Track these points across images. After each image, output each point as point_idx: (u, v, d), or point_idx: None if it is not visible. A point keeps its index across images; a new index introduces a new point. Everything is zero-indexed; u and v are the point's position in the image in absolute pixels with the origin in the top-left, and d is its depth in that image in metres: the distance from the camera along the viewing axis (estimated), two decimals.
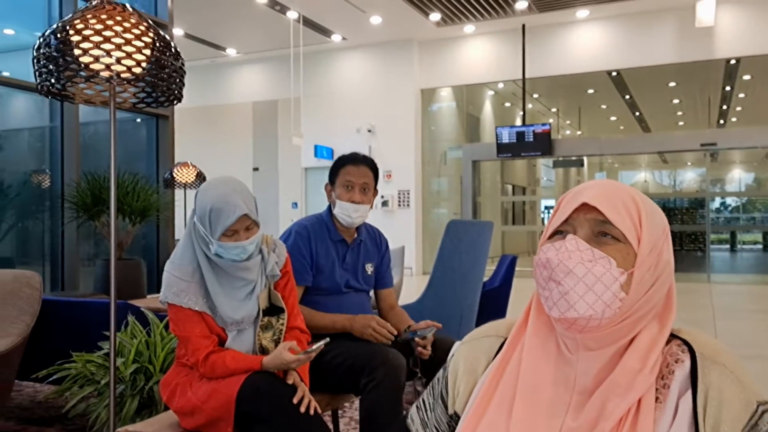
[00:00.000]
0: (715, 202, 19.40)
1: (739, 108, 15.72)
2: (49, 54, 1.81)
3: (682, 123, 17.74)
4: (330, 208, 2.39)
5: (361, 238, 2.42)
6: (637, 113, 16.29)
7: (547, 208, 18.53)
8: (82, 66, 1.79)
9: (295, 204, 12.85)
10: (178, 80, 2.00)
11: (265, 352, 1.89)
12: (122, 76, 1.83)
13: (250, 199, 1.85)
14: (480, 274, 3.63)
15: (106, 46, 1.78)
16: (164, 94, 2.03)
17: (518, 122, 13.70)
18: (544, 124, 11.07)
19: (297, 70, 11.29)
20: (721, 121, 16.50)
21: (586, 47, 10.86)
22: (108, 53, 1.78)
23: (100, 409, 2.42)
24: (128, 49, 1.80)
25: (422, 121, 12.10)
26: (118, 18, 1.83)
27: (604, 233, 0.80)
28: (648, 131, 17.89)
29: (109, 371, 2.10)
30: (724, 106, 15.17)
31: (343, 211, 2.29)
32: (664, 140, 12.05)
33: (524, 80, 11.17)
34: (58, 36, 1.79)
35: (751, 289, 9.62)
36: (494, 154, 11.20)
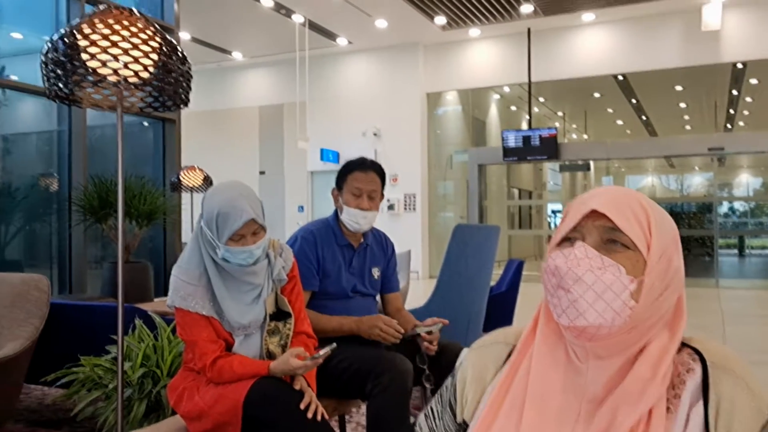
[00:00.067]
0: (723, 207, 19.32)
1: (746, 112, 15.65)
2: (56, 59, 1.82)
3: (689, 127, 17.68)
4: (336, 213, 2.39)
5: (368, 243, 2.42)
6: (644, 117, 16.24)
7: (554, 212, 18.49)
8: (90, 70, 1.80)
9: (301, 207, 12.86)
10: (184, 84, 2.01)
11: (272, 356, 1.89)
12: (129, 80, 1.84)
13: (257, 204, 1.86)
14: (487, 278, 3.62)
15: (114, 51, 1.79)
16: (171, 98, 2.04)
17: (524, 126, 13.68)
18: (551, 128, 11.05)
19: (303, 74, 11.31)
20: (729, 126, 16.43)
21: (592, 51, 10.83)
22: (115, 58, 1.79)
23: (108, 412, 2.42)
24: (135, 53, 1.81)
25: (428, 124, 12.09)
26: (125, 23, 1.84)
27: (613, 240, 0.79)
28: (655, 135, 17.83)
29: (117, 375, 2.11)
30: (731, 110, 15.10)
31: (351, 218, 2.29)
32: (671, 144, 11.99)
33: (530, 84, 11.16)
34: (66, 41, 1.80)
35: (759, 294, 9.56)
36: (500, 158, 11.19)
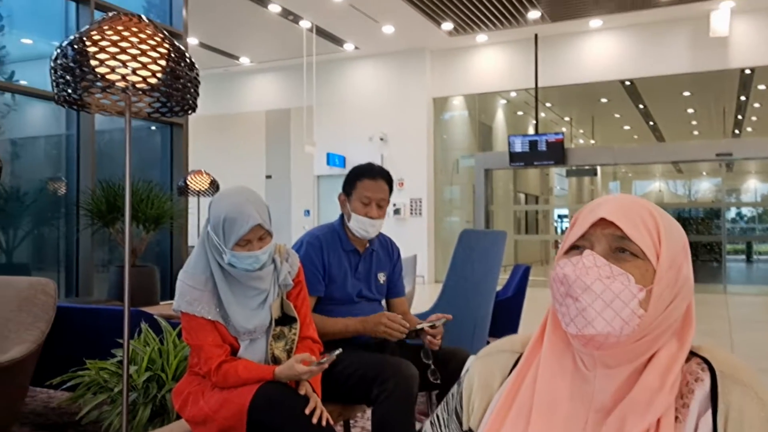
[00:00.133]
0: (731, 212, 19.22)
1: (754, 118, 15.58)
2: (66, 65, 1.83)
3: (696, 133, 17.61)
4: (342, 218, 2.39)
5: (373, 248, 2.42)
6: (651, 123, 16.18)
7: (561, 216, 18.44)
8: (99, 76, 1.81)
9: (308, 212, 12.88)
10: (192, 90, 2.02)
11: (277, 361, 1.89)
12: (138, 86, 1.85)
13: (264, 209, 1.86)
14: (493, 283, 3.61)
15: (122, 57, 1.80)
16: (179, 103, 2.05)
17: (531, 131, 13.67)
18: (557, 133, 11.03)
19: (310, 79, 11.34)
20: (736, 131, 16.35)
21: (600, 56, 10.82)
22: (124, 64, 1.80)
23: (113, 416, 2.43)
24: (144, 59, 1.82)
25: (434, 129, 12.10)
26: (134, 29, 1.85)
27: (622, 249, 0.79)
28: (662, 141, 17.76)
29: (122, 379, 2.11)
30: (739, 116, 15.04)
31: (359, 226, 2.29)
32: (679, 150, 11.95)
33: (537, 89, 11.15)
34: (75, 47, 1.81)
35: (767, 301, 9.49)
36: (507, 163, 11.17)
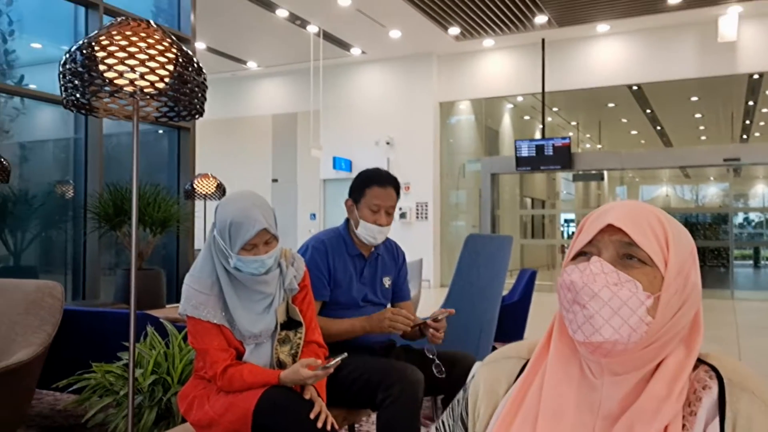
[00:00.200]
0: (739, 218, 19.10)
1: (762, 123, 15.49)
2: (74, 69, 1.84)
3: (704, 138, 17.53)
4: (347, 222, 2.39)
5: (379, 252, 2.42)
6: (659, 127, 16.12)
7: (567, 221, 18.38)
8: (107, 81, 1.82)
9: (314, 215, 12.90)
10: (200, 95, 2.03)
11: (282, 365, 1.89)
12: (145, 90, 1.86)
13: (270, 214, 1.86)
14: (499, 288, 3.60)
15: (131, 62, 1.81)
16: (186, 108, 2.06)
17: (537, 135, 13.63)
18: (564, 138, 11.00)
19: (317, 83, 11.37)
20: (744, 136, 16.27)
21: (607, 61, 10.79)
22: (132, 69, 1.81)
23: (119, 419, 2.43)
24: (152, 64, 1.83)
25: (441, 133, 12.10)
26: (143, 34, 1.86)
27: (629, 256, 0.78)
28: (670, 146, 17.69)
29: (128, 382, 2.11)
30: (747, 121, 14.96)
31: (368, 233, 2.29)
32: (686, 155, 11.89)
33: (543, 94, 11.13)
34: (84, 52, 1.83)
35: None
36: (513, 168, 11.15)
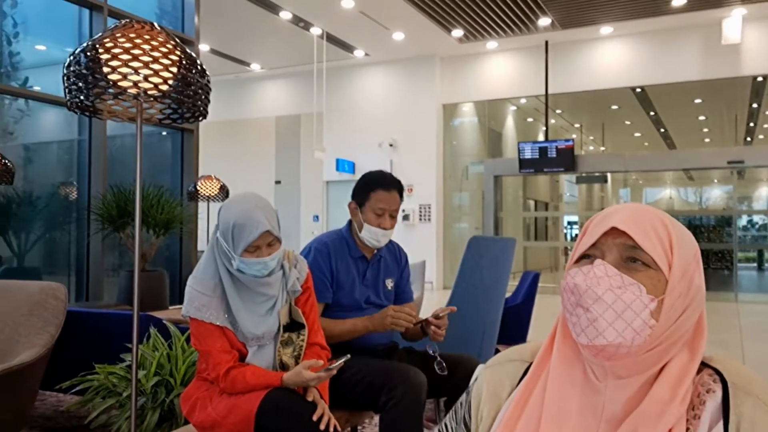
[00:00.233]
0: (743, 220, 19.05)
1: (766, 125, 15.45)
2: (78, 72, 1.84)
3: (708, 140, 17.49)
4: (350, 224, 2.39)
5: (381, 254, 2.42)
6: (662, 130, 16.10)
7: (570, 223, 18.35)
8: (111, 83, 1.82)
9: (317, 217, 12.90)
10: (203, 97, 2.03)
11: (285, 367, 1.89)
12: (149, 93, 1.86)
13: (273, 216, 1.86)
14: (502, 290, 3.59)
15: (134, 64, 1.82)
16: (190, 110, 2.06)
17: (541, 138, 13.62)
18: (568, 140, 10.99)
19: (320, 85, 11.38)
20: (748, 139, 16.23)
21: (610, 64, 10.78)
22: (136, 71, 1.81)
23: (122, 421, 2.44)
24: (155, 66, 1.83)
25: (444, 135, 12.10)
26: (146, 36, 1.86)
27: (633, 259, 0.78)
28: (673, 148, 17.66)
29: (131, 383, 2.12)
30: (751, 124, 14.92)
31: (372, 236, 2.29)
32: (690, 157, 11.87)
33: (547, 96, 11.12)
34: (88, 54, 1.83)
35: None
36: (516, 170, 11.14)
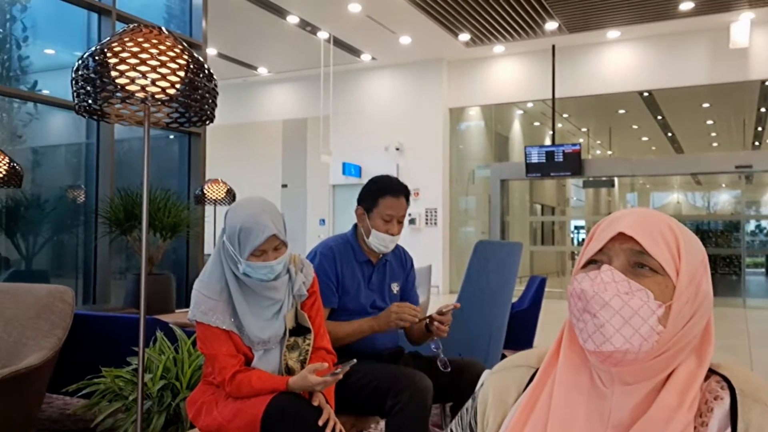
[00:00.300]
0: (750, 225, 18.94)
1: None
2: (87, 76, 1.85)
3: (716, 144, 17.41)
4: (355, 228, 2.39)
5: (387, 258, 2.42)
6: (670, 134, 16.03)
7: (577, 228, 18.29)
8: (119, 87, 1.83)
9: (323, 221, 12.92)
10: (210, 101, 2.04)
11: (291, 372, 1.89)
12: (157, 97, 1.87)
13: (279, 220, 1.87)
14: (509, 295, 3.58)
15: (142, 68, 1.82)
16: (197, 114, 2.07)
17: (548, 142, 13.60)
18: (574, 144, 10.96)
19: (327, 89, 11.41)
20: (756, 143, 16.15)
21: (617, 68, 10.76)
22: (143, 75, 1.82)
23: (128, 424, 2.44)
24: (163, 70, 1.84)
25: (450, 139, 12.09)
26: (154, 41, 1.87)
27: (641, 264, 0.78)
28: (681, 152, 17.59)
29: (137, 387, 2.12)
30: (759, 128, 14.85)
31: (379, 242, 2.30)
32: (698, 162, 11.82)
33: (554, 100, 11.10)
34: (96, 58, 1.84)
35: None
36: (523, 174, 11.12)
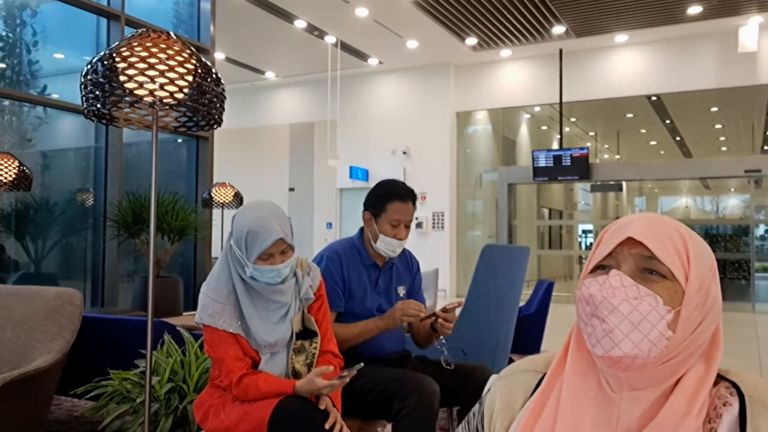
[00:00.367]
0: (760, 229, 18.82)
1: None
2: (96, 80, 1.87)
3: (724, 148, 17.31)
4: (361, 232, 2.39)
5: (393, 262, 2.42)
6: (678, 138, 15.96)
7: (585, 232, 18.22)
8: (127, 91, 1.84)
9: (330, 224, 12.93)
10: (218, 105, 2.04)
11: (297, 375, 1.89)
12: (165, 101, 1.88)
13: (286, 223, 1.87)
14: (516, 299, 3.58)
15: (150, 73, 1.83)
16: (204, 118, 2.08)
17: (555, 146, 13.57)
18: (582, 148, 10.94)
19: (334, 93, 11.43)
20: (765, 147, 16.05)
21: (625, 72, 10.73)
22: (152, 79, 1.83)
23: (135, 427, 2.44)
24: (171, 75, 1.85)
25: (457, 143, 12.09)
26: (162, 45, 1.88)
27: (650, 270, 0.77)
28: (689, 156, 17.50)
29: (145, 390, 2.13)
30: None
31: (388, 247, 2.30)
32: (707, 166, 11.76)
33: (561, 104, 11.08)
34: (105, 63, 1.86)
35: None
36: (530, 178, 11.10)
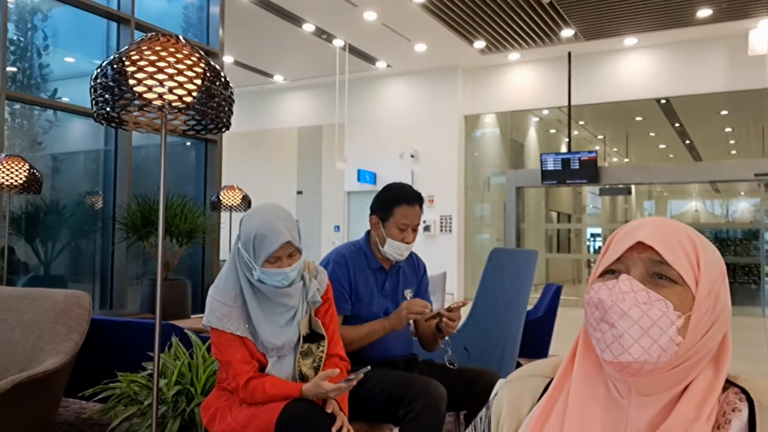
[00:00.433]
0: None
1: None
2: (105, 84, 1.88)
3: (734, 152, 17.22)
4: (368, 235, 2.39)
5: (400, 265, 2.42)
6: (688, 141, 15.88)
7: (593, 235, 18.14)
8: (136, 95, 1.85)
9: (338, 227, 12.94)
10: (226, 108, 2.05)
11: (304, 378, 1.89)
12: (174, 104, 1.89)
13: (294, 227, 1.87)
14: (524, 303, 3.57)
15: (160, 76, 1.84)
16: (213, 121, 2.09)
17: (563, 149, 13.53)
18: (591, 152, 10.90)
19: (342, 97, 11.45)
20: None
21: (634, 75, 10.69)
22: (161, 83, 1.84)
23: (143, 429, 2.45)
24: (180, 79, 1.86)
25: (465, 146, 12.07)
26: (172, 49, 1.90)
27: (660, 275, 0.77)
28: (699, 160, 17.41)
29: (152, 392, 2.13)
30: None
31: (395, 250, 2.30)
32: (716, 169, 11.69)
33: (570, 107, 11.05)
34: (115, 66, 1.87)
35: None
36: (539, 181, 11.07)
